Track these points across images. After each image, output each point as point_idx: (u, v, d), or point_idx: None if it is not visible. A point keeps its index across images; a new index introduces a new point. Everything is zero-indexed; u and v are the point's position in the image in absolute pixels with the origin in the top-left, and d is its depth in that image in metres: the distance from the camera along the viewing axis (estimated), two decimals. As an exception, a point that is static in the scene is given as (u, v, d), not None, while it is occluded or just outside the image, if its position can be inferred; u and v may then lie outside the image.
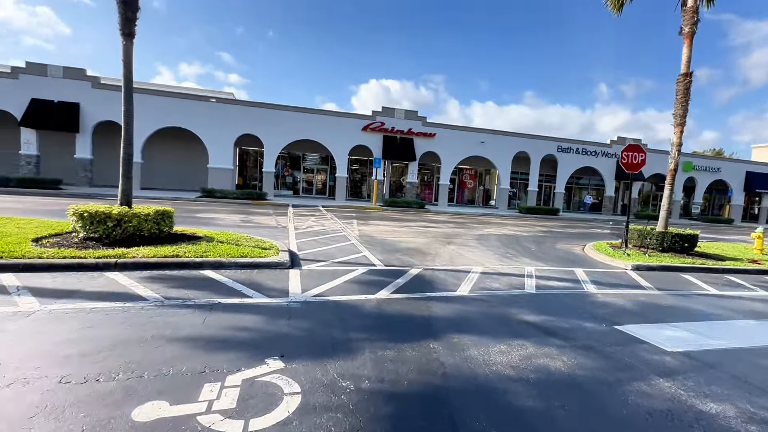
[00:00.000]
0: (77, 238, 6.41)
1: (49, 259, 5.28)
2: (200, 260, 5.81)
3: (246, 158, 26.83)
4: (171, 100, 20.41)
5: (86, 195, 16.24)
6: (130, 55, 6.91)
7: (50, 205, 12.16)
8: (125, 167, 7.02)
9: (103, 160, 20.42)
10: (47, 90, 18.69)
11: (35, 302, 4.01)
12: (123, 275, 5.17)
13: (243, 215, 13.30)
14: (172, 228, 7.32)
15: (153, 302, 4.23)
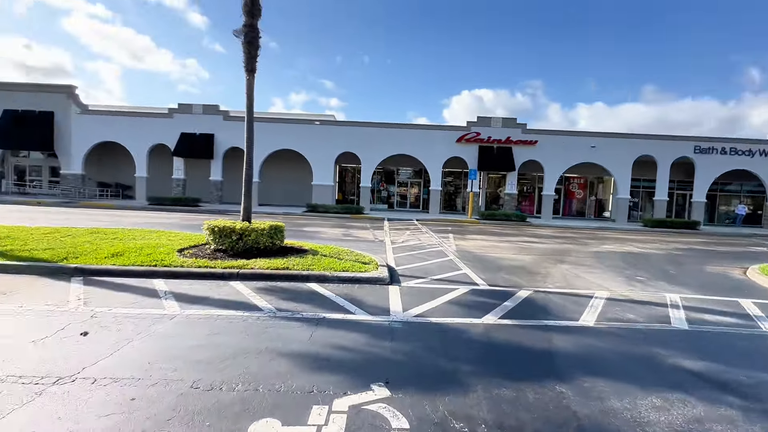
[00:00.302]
0: (209, 250, 7.36)
1: (188, 268, 6.11)
2: (306, 273, 6.11)
3: (345, 174, 28.51)
4: (282, 126, 22.89)
5: (217, 211, 19.01)
6: (251, 87, 7.81)
7: (191, 220, 14.48)
8: (246, 186, 7.89)
9: (230, 180, 23.78)
10: (191, 125, 22.65)
11: (177, 307, 4.61)
12: (243, 285, 5.69)
13: (343, 229, 13.96)
14: (282, 241, 7.94)
15: (267, 313, 4.51)
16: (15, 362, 3.08)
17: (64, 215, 14.27)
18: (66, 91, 22.73)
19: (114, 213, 16.33)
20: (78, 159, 22.62)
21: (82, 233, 8.61)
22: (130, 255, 6.72)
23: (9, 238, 7.69)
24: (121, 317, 4.17)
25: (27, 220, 11.57)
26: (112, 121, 22.78)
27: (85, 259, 6.35)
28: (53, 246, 7.13)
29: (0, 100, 22.26)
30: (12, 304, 4.48)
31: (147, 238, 8.52)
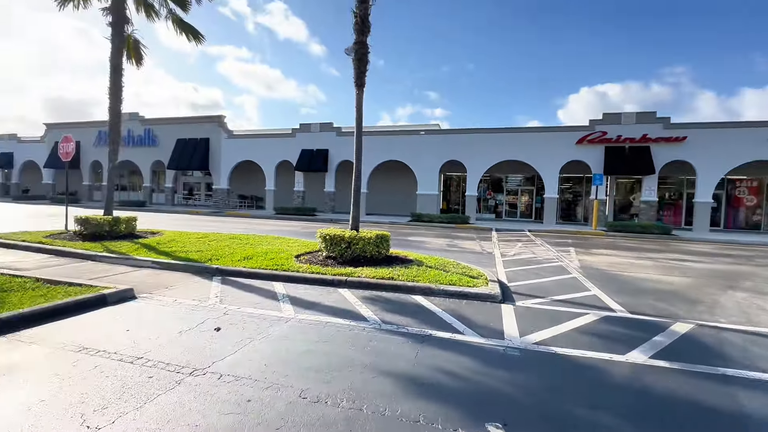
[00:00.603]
0: (321, 256, 7.80)
1: (303, 273, 6.52)
2: (411, 285, 5.92)
3: (449, 183, 27.98)
4: (388, 138, 23.66)
5: (330, 220, 20.52)
6: (360, 102, 8.11)
7: (308, 228, 15.87)
8: (355, 197, 8.17)
9: (342, 191, 25.54)
10: (310, 142, 25.12)
11: (291, 310, 4.88)
12: (350, 293, 5.80)
13: (448, 239, 13.54)
14: (388, 250, 7.95)
15: (372, 324, 4.43)
16: (166, 349, 3.57)
17: (213, 223, 17.15)
18: (217, 121, 27.64)
19: (249, 221, 18.98)
20: (225, 176, 27.15)
21: (224, 238, 10.08)
22: (257, 259, 7.54)
23: (174, 241, 9.44)
24: (246, 316, 4.58)
25: (187, 227, 14.21)
26: (249, 144, 26.78)
27: (223, 261, 7.34)
28: (202, 249, 8.47)
29: (174, 132, 28.27)
30: (171, 297, 5.35)
31: (271, 244, 9.51)
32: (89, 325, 4.18)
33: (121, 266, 7.33)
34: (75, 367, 3.17)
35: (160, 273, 6.90)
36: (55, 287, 5.29)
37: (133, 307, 4.86)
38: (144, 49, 11.61)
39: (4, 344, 3.60)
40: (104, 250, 8.15)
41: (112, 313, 4.63)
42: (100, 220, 9.57)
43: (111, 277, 6.40)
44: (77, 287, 5.33)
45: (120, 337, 3.84)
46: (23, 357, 3.33)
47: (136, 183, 32.75)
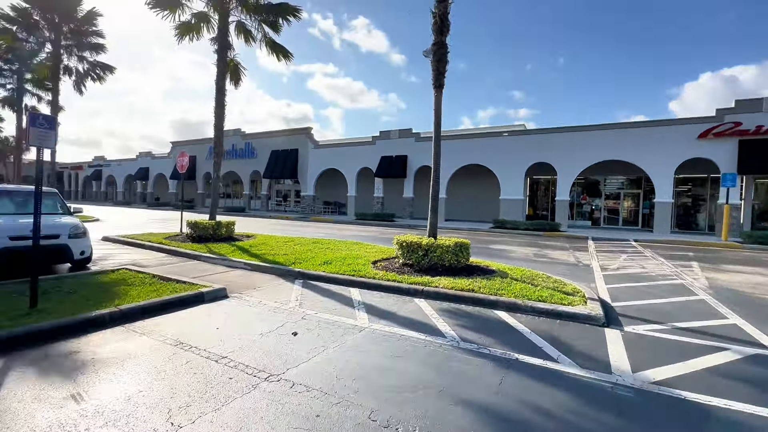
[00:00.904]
0: (398, 263, 7.64)
1: (379, 281, 6.42)
2: (494, 298, 5.39)
3: (536, 187, 25.93)
4: (469, 141, 22.82)
5: (408, 226, 20.45)
6: (439, 103, 7.82)
7: (386, 233, 15.97)
8: (433, 202, 7.86)
9: (420, 197, 25.37)
10: (389, 149, 25.49)
11: (366, 319, 4.77)
12: (426, 303, 5.50)
13: (535, 248, 12.38)
14: (468, 259, 7.47)
15: (450, 341, 4.07)
16: (247, 351, 3.70)
17: (299, 227, 18.33)
18: (305, 133, 29.72)
19: (331, 226, 19.87)
20: (311, 184, 29.00)
21: (307, 243, 10.59)
22: (336, 263, 7.69)
23: (264, 244, 10.19)
24: (322, 322, 4.59)
25: (277, 231, 15.37)
26: (332, 152, 28.23)
27: (305, 264, 7.64)
28: (287, 252, 8.97)
29: (269, 144, 31.16)
30: (257, 298, 5.67)
31: (350, 249, 9.68)
32: (187, 321, 4.58)
33: (220, 266, 8.09)
34: (170, 361, 3.44)
35: (251, 274, 7.43)
36: (166, 284, 5.98)
37: (224, 306, 5.24)
38: (242, 72, 12.93)
39: (122, 334, 4.10)
40: (207, 251, 9.13)
41: (207, 310, 5.04)
42: (206, 225, 10.80)
43: (210, 276, 7.08)
44: (182, 284, 5.96)
45: (210, 335, 4.11)
46: (134, 347, 3.74)
47: (239, 191, 36.88)
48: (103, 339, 3.93)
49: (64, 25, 17.90)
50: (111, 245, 10.62)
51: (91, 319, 4.29)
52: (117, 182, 46.18)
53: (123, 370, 3.23)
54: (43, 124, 4.83)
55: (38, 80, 20.39)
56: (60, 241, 6.82)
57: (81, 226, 7.29)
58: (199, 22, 11.89)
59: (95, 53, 19.09)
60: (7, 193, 7.58)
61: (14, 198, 7.58)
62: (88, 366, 3.28)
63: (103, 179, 48.15)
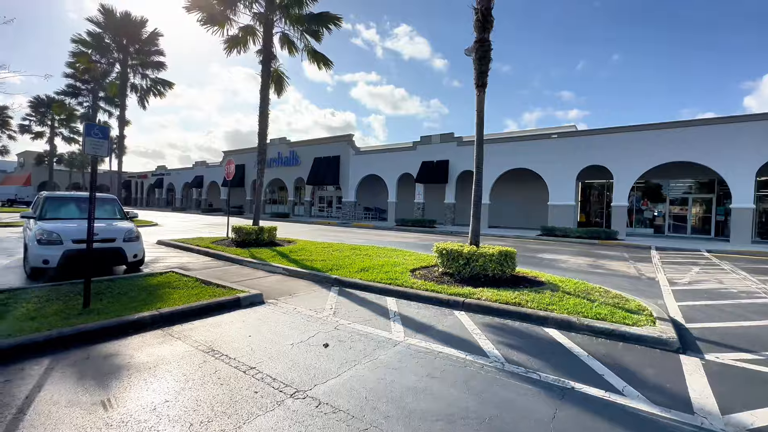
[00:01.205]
0: (437, 272, 7.27)
1: (417, 290, 6.11)
2: (544, 314, 4.87)
3: (589, 192, 24.23)
4: (514, 144, 21.81)
5: (449, 232, 19.86)
6: (482, 103, 7.39)
7: (426, 240, 15.57)
8: (475, 208, 7.42)
9: (462, 203, 24.66)
10: (430, 154, 25.09)
11: (401, 332, 4.47)
12: (467, 317, 5.10)
13: (589, 258, 11.39)
14: (514, 269, 6.93)
15: (493, 362, 3.67)
16: (276, 362, 3.56)
17: (340, 233, 18.44)
18: (346, 140, 30.15)
19: (371, 232, 19.81)
20: (352, 190, 29.28)
21: (346, 249, 10.51)
22: (373, 271, 7.48)
23: (303, 250, 10.25)
24: (356, 334, 4.36)
25: (318, 236, 15.53)
26: (373, 158, 28.33)
27: (342, 271, 7.50)
28: (325, 258, 8.92)
29: (312, 151, 31.98)
30: (291, 305, 5.59)
31: (388, 256, 9.45)
32: (222, 327, 4.56)
33: (260, 271, 8.20)
34: (200, 369, 3.37)
35: (288, 280, 7.43)
36: (206, 287, 6.10)
37: (259, 312, 5.20)
38: (285, 81, 13.28)
39: (160, 337, 4.15)
40: (249, 255, 9.33)
41: (242, 316, 5.02)
42: (249, 230, 11.11)
43: (249, 281, 7.16)
44: (222, 289, 6.04)
45: (241, 343, 4.03)
46: (168, 352, 3.74)
47: (284, 197, 38.20)
48: (141, 342, 3.99)
49: (131, 46, 19.60)
50: (164, 249, 11.24)
51: (133, 321, 4.39)
52: (176, 189, 49.80)
53: (154, 376, 3.21)
54: (98, 134, 5.11)
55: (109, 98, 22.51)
56: (116, 244, 7.25)
57: (135, 231, 7.71)
58: (245, 35, 12.40)
59: (156, 71, 20.70)
60: (74, 199, 8.24)
61: (80, 204, 8.22)
62: (122, 371, 3.30)
63: (164, 187, 52.18)
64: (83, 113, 25.66)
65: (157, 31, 20.05)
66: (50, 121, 33.24)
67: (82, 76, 20.53)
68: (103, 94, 23.27)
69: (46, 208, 7.71)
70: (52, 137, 34.20)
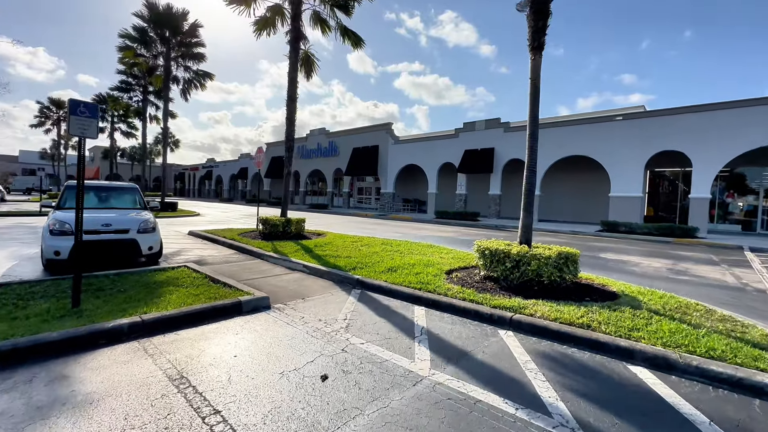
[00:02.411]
0: (478, 276, 6.07)
1: (451, 299, 4.97)
2: (627, 345, 3.55)
3: (658, 183, 21.31)
4: (569, 129, 19.53)
5: (494, 226, 18.25)
6: (537, 70, 5.99)
7: (467, 235, 14.20)
8: (526, 199, 6.09)
9: (508, 194, 22.77)
10: (474, 141, 23.35)
11: (427, 361, 3.40)
12: (516, 340, 3.90)
13: (666, 260, 9.50)
14: (575, 275, 5.56)
15: (558, 426, 2.49)
16: (250, 404, 2.65)
17: (375, 225, 17.54)
18: (385, 128, 29.09)
19: (408, 225, 18.71)
20: (391, 180, 28.27)
21: (376, 244, 9.54)
22: (401, 272, 6.43)
23: (330, 244, 9.43)
24: (367, 361, 3.36)
25: (351, 229, 14.74)
26: (412, 148, 27.06)
27: (366, 271, 6.53)
28: (351, 254, 8.00)
29: (351, 141, 31.33)
30: (300, 312, 4.71)
31: (422, 253, 8.34)
32: (209, 340, 3.76)
33: (279, 267, 7.47)
34: (151, 408, 2.55)
35: (306, 278, 6.60)
36: (212, 287, 5.41)
37: (260, 321, 4.37)
38: (315, 63, 12.45)
39: (130, 352, 3.42)
40: (272, 249, 8.66)
41: (239, 325, 4.21)
42: (275, 222, 10.49)
43: (263, 279, 6.41)
44: (227, 289, 5.32)
45: (221, 368, 3.18)
46: (127, 377, 2.98)
47: (324, 189, 38.13)
48: (107, 359, 3.27)
49: (173, 38, 19.85)
50: (192, 240, 10.97)
51: (107, 330, 3.71)
52: (224, 181, 51.82)
53: (88, 417, 2.42)
54: (84, 112, 4.49)
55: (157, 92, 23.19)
56: (129, 236, 6.81)
57: (151, 222, 7.26)
58: (273, 15, 11.69)
59: (197, 62, 20.87)
60: (94, 188, 7.99)
61: (100, 193, 7.95)
62: (55, 407, 2.55)
63: (213, 178, 54.55)
64: (135, 108, 26.88)
65: (197, 23, 20.15)
66: (110, 118, 35.51)
67: (130, 71, 21.28)
68: (152, 89, 24.08)
69: (66, 197, 7.48)
70: (112, 132, 36.60)
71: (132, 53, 19.65)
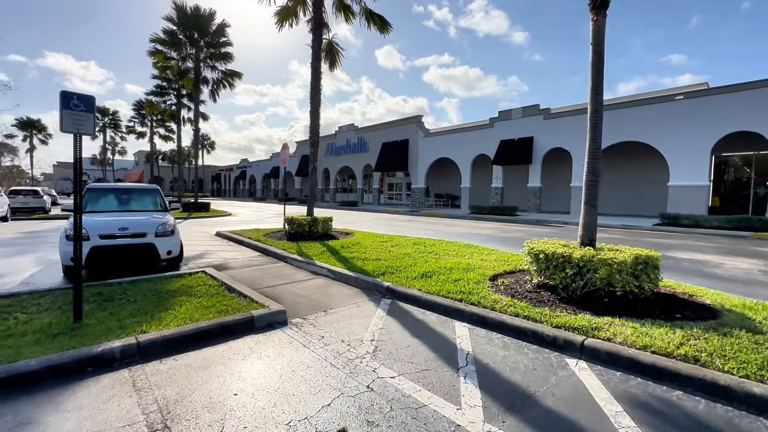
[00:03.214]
0: (530, 283, 5.12)
1: (501, 314, 4.10)
2: (760, 392, 2.54)
3: (724, 170, 18.96)
4: (619, 113, 17.68)
5: (535, 221, 16.89)
6: (601, 33, 4.92)
7: (507, 231, 13.05)
8: (589, 192, 5.05)
9: (549, 186, 21.17)
10: (511, 131, 21.88)
11: (478, 408, 2.57)
12: (594, 377, 2.99)
13: (752, 259, 8.02)
14: (657, 284, 4.49)
15: None
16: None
17: (406, 223, 16.72)
18: (415, 121, 28.09)
19: (441, 221, 17.74)
20: (422, 175, 27.29)
21: (407, 244, 8.74)
22: (437, 278, 5.60)
23: (358, 244, 8.74)
24: (399, 408, 2.59)
25: (380, 227, 14.02)
26: (444, 140, 25.90)
27: (397, 277, 5.76)
28: (381, 256, 7.26)
29: (380, 136, 30.61)
30: (320, 329, 4.03)
31: (459, 255, 7.45)
32: (210, 368, 3.15)
33: (302, 272, 6.87)
34: (112, 481, 1.91)
35: (331, 285, 5.93)
36: (226, 296, 4.87)
37: (272, 343, 3.71)
38: (339, 53, 11.77)
39: (117, 385, 2.86)
40: (296, 251, 8.10)
41: (247, 348, 3.57)
42: (301, 221, 9.96)
43: (283, 286, 5.82)
44: (242, 300, 4.75)
45: (217, 412, 2.53)
46: (104, 424, 2.39)
47: (354, 186, 37.74)
48: (86, 396, 2.72)
49: (201, 39, 19.93)
50: (218, 242, 10.68)
51: (95, 357, 3.18)
52: (257, 180, 52.87)
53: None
54: (79, 105, 4.00)
55: (189, 94, 23.54)
56: (146, 240, 6.44)
57: (170, 225, 6.88)
58: (295, 5, 11.11)
59: (225, 62, 20.88)
60: (114, 191, 7.75)
61: (121, 196, 7.70)
62: (-4, 472, 1.98)
63: (247, 178, 55.83)
64: (169, 111, 27.60)
65: (225, 22, 20.12)
66: (149, 122, 36.94)
67: (163, 74, 21.69)
68: (185, 92, 24.52)
69: (87, 200, 7.26)
70: (151, 136, 38.08)
71: (162, 56, 19.94)
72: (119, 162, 66.55)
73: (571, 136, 18.98)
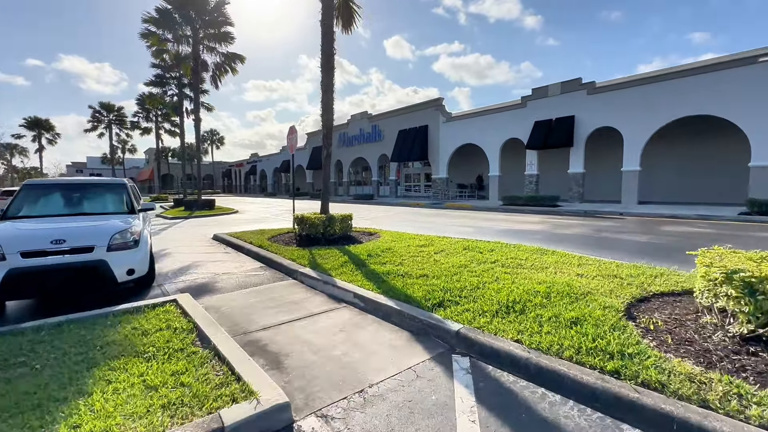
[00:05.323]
0: (719, 329, 2.94)
1: (732, 419, 1.93)
2: None
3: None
4: (679, 82, 14.98)
5: (582, 213, 14.49)
6: None
7: (562, 227, 10.73)
8: None
9: (594, 172, 18.67)
10: (547, 110, 19.33)
11: None
12: None
13: None
14: None
15: None
16: None
17: (432, 217, 14.52)
18: (435, 105, 25.67)
19: (472, 215, 15.49)
20: (443, 164, 24.96)
21: (456, 250, 6.57)
22: (535, 313, 3.46)
23: (389, 251, 6.63)
24: None
25: (407, 224, 11.88)
26: (468, 124, 23.47)
27: (467, 310, 3.64)
28: (426, 271, 5.13)
29: (396, 124, 28.30)
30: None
31: (538, 266, 5.26)
32: None
33: (318, 296, 4.81)
34: None
35: (361, 322, 3.85)
36: (192, 359, 2.87)
37: None
38: (355, 11, 9.55)
39: None
40: (308, 263, 6.04)
41: None
42: (314, 221, 7.90)
43: (289, 326, 3.77)
44: (214, 369, 2.72)
45: None
46: None
47: (368, 178, 35.62)
48: None
49: (198, 18, 17.93)
50: (213, 247, 8.73)
51: None
52: (268, 175, 51.22)
53: None
54: None
55: (190, 83, 21.66)
56: (92, 256, 4.45)
57: (132, 232, 4.87)
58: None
59: (226, 44, 18.87)
60: (61, 187, 5.80)
61: (70, 194, 5.74)
62: None
63: (257, 173, 54.25)
64: (171, 104, 25.85)
65: None
66: (153, 117, 35.40)
67: (160, 59, 19.81)
68: (186, 81, 22.67)
69: (21, 201, 5.32)
70: (157, 131, 36.59)
71: (156, 38, 18.04)
72: (130, 161, 65.89)
73: (622, 112, 16.38)
